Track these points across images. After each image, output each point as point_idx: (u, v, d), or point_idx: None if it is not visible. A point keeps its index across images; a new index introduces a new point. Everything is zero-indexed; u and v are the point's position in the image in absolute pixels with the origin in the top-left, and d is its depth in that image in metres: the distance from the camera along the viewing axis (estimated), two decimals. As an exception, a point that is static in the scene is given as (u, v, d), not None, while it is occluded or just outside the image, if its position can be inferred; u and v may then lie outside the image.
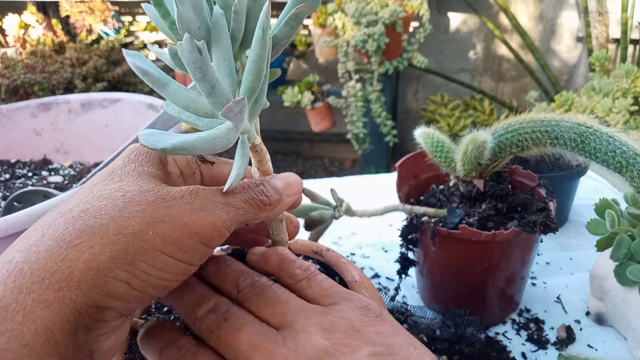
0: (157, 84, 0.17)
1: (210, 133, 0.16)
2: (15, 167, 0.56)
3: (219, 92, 0.16)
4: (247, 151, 0.18)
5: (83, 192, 0.17)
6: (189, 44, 0.14)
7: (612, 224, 0.33)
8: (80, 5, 1.39)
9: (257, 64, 0.16)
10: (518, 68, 1.58)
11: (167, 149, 0.15)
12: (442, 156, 0.38)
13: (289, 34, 0.18)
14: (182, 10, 0.15)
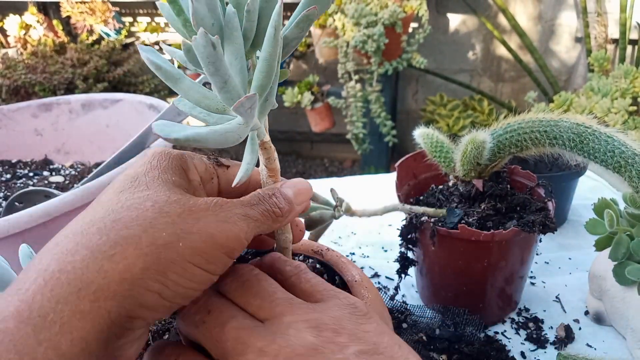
0: (171, 79, 0.17)
1: (222, 127, 0.16)
2: (16, 167, 0.56)
3: (231, 87, 0.16)
4: (256, 147, 0.19)
5: (110, 200, 0.17)
6: (204, 39, 0.15)
7: (611, 223, 0.33)
8: (81, 5, 1.39)
9: (268, 62, 0.16)
10: (517, 68, 1.58)
11: (180, 139, 0.15)
12: (442, 156, 0.38)
13: (300, 35, 0.19)
14: (197, 7, 0.16)
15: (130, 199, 0.17)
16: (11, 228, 0.29)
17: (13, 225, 0.30)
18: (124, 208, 0.16)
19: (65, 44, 1.38)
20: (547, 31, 1.54)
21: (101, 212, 0.16)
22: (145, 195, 0.17)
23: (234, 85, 0.16)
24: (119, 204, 0.17)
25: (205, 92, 0.17)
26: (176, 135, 0.15)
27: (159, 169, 0.18)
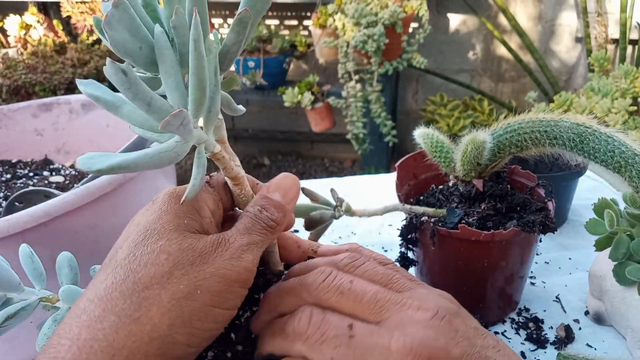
0: (111, 108, 0.17)
1: (155, 148, 0.16)
2: (16, 167, 0.56)
3: (157, 107, 0.16)
4: (203, 161, 0.18)
5: (128, 256, 0.18)
6: (112, 67, 0.15)
7: (611, 223, 0.33)
8: (81, 5, 1.39)
9: (196, 75, 0.16)
10: (517, 68, 1.58)
11: (103, 170, 0.15)
12: (442, 156, 0.38)
13: (238, 39, 0.18)
14: (114, 35, 0.15)
15: (145, 253, 0.18)
16: (11, 228, 0.29)
17: (13, 225, 0.30)
18: (141, 266, 0.17)
19: (66, 44, 1.38)
20: (547, 31, 1.54)
21: (122, 273, 0.17)
22: (159, 247, 0.18)
23: (160, 105, 0.16)
24: (135, 261, 0.18)
25: (146, 115, 0.17)
26: (99, 167, 0.15)
27: (172, 214, 0.19)
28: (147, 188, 0.40)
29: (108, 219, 0.36)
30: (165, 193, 0.20)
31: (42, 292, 0.22)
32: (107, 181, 0.34)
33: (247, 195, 0.22)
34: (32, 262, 0.23)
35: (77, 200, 0.32)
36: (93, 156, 0.16)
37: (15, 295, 0.22)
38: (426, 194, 0.42)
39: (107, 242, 0.36)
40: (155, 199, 0.20)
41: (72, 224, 0.33)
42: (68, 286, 0.22)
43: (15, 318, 0.21)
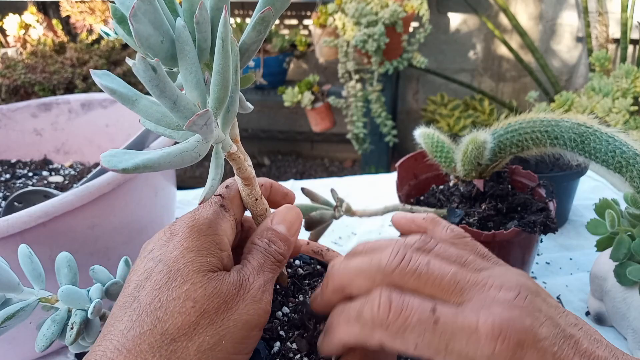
0: (127, 101, 0.17)
1: (176, 148, 0.16)
2: (15, 167, 0.56)
3: (182, 106, 0.16)
4: (221, 161, 0.18)
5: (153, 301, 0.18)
6: (142, 63, 0.14)
7: (612, 224, 0.33)
8: (80, 5, 1.39)
9: (220, 74, 0.16)
10: (518, 68, 1.58)
11: (129, 169, 0.15)
12: (442, 156, 0.38)
13: (258, 38, 0.18)
14: (139, 28, 0.15)
15: (171, 299, 0.17)
16: (10, 228, 0.29)
17: (12, 225, 0.29)
18: (167, 315, 0.17)
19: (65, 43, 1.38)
20: (548, 31, 1.54)
21: (148, 322, 0.17)
22: (184, 292, 0.18)
23: (184, 104, 0.16)
24: (161, 308, 0.17)
25: (164, 111, 0.17)
26: (124, 165, 0.15)
27: (194, 252, 0.19)
28: (146, 188, 0.40)
29: (107, 219, 0.36)
30: (186, 226, 0.20)
31: (41, 293, 0.22)
32: (106, 181, 0.34)
33: (257, 196, 0.22)
34: (31, 262, 0.23)
35: (76, 200, 0.32)
36: (116, 154, 0.16)
37: (14, 296, 0.22)
38: (427, 194, 0.41)
39: (106, 242, 0.36)
40: (173, 229, 0.20)
41: (71, 224, 0.33)
42: (67, 286, 0.22)
43: (14, 318, 0.21)
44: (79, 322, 0.21)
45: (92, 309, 0.22)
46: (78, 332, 0.21)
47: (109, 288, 0.23)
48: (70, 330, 0.21)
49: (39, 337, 0.21)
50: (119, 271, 0.25)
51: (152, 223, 0.42)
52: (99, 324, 0.23)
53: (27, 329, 0.24)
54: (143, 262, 0.19)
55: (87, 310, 0.22)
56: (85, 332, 0.22)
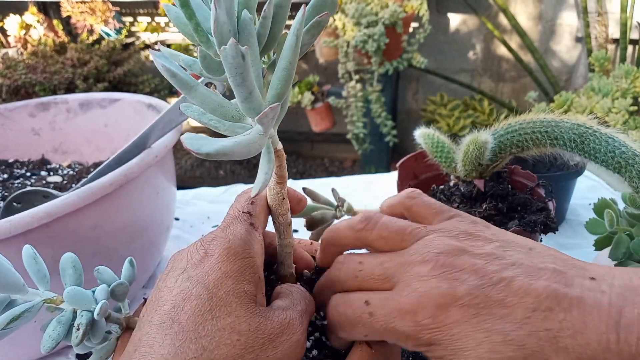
0: (185, 87, 0.17)
1: (245, 139, 0.17)
2: (13, 167, 0.55)
3: (255, 98, 0.16)
4: (272, 156, 0.19)
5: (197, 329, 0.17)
6: (234, 49, 0.14)
7: (611, 223, 0.33)
8: (81, 5, 1.39)
9: (287, 71, 0.16)
10: (517, 68, 1.58)
11: (211, 153, 0.15)
12: (443, 156, 0.38)
13: (310, 41, 0.19)
14: (219, 14, 0.15)
15: (216, 330, 0.17)
16: (13, 229, 0.30)
17: (15, 226, 0.30)
18: (213, 345, 0.17)
19: (66, 43, 1.38)
20: (547, 31, 1.54)
21: (193, 349, 0.17)
22: (229, 324, 0.17)
23: (257, 96, 0.16)
24: (207, 337, 0.17)
25: (221, 101, 0.17)
26: (207, 150, 0.15)
27: (232, 278, 0.19)
28: (148, 188, 0.40)
29: (110, 220, 0.36)
30: (222, 247, 0.19)
31: (46, 294, 0.22)
32: (109, 182, 0.34)
33: (284, 195, 0.22)
34: (36, 263, 0.23)
35: (79, 201, 0.32)
36: (196, 138, 0.16)
37: (19, 297, 0.22)
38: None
39: (108, 242, 0.36)
40: (208, 248, 0.19)
41: (74, 224, 0.33)
42: (73, 287, 0.22)
43: (19, 320, 0.21)
44: (85, 323, 0.22)
45: (98, 309, 0.22)
46: (84, 333, 0.21)
47: (114, 289, 0.24)
48: (77, 332, 0.21)
49: (44, 338, 0.22)
50: (124, 272, 0.25)
51: (153, 223, 0.43)
52: (104, 325, 0.23)
53: (28, 330, 0.24)
54: (177, 280, 0.19)
55: (93, 311, 0.22)
56: (91, 333, 0.22)
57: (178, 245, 0.53)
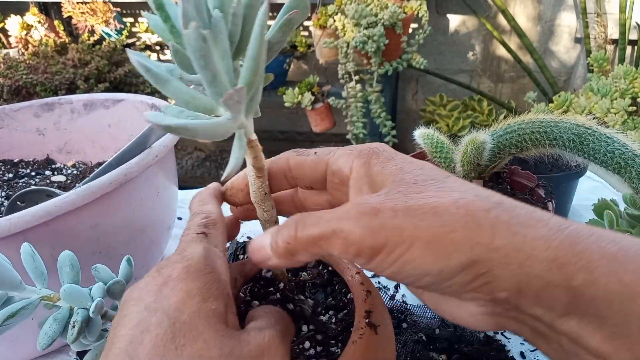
0: (159, 81, 0.17)
1: (210, 121, 0.17)
2: (18, 166, 0.56)
3: (219, 81, 0.16)
4: (243, 143, 0.19)
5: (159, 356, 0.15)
6: (195, 32, 0.15)
7: (611, 224, 0.33)
8: (82, 6, 1.39)
9: (255, 60, 0.17)
10: (516, 69, 1.58)
11: (172, 126, 0.16)
12: (442, 157, 0.38)
13: (282, 38, 0.19)
14: (186, 7, 0.16)
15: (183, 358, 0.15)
16: (13, 227, 0.30)
17: (15, 225, 0.30)
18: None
19: (67, 44, 1.38)
20: (546, 32, 1.54)
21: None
22: (197, 351, 0.15)
23: (222, 80, 0.17)
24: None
25: (194, 93, 0.17)
26: (168, 122, 0.16)
27: (196, 297, 0.16)
28: (148, 187, 0.40)
29: (109, 219, 0.36)
30: (182, 267, 0.17)
31: (44, 291, 0.22)
32: (108, 181, 0.34)
33: (266, 190, 0.22)
34: (34, 260, 0.23)
35: (79, 199, 0.32)
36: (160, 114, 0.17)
37: (16, 294, 0.22)
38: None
39: (107, 241, 0.36)
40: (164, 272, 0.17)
41: (74, 223, 0.33)
42: (69, 285, 0.22)
43: (16, 317, 0.21)
44: (80, 320, 0.22)
45: (93, 307, 0.22)
46: (80, 330, 0.22)
47: (111, 287, 0.24)
48: (72, 329, 0.21)
49: (40, 335, 0.22)
50: (121, 270, 0.25)
51: (153, 222, 0.43)
52: (100, 323, 0.23)
53: (28, 328, 0.24)
54: (132, 310, 0.16)
55: (89, 308, 0.22)
56: (87, 331, 0.22)
57: (178, 245, 0.53)
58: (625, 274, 0.14)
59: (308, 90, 1.37)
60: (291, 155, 0.22)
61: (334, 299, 0.24)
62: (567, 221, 0.16)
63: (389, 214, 0.16)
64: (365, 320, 0.21)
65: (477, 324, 0.17)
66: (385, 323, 0.22)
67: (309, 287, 0.25)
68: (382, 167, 0.19)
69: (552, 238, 0.15)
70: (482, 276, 0.15)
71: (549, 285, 0.15)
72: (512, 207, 0.16)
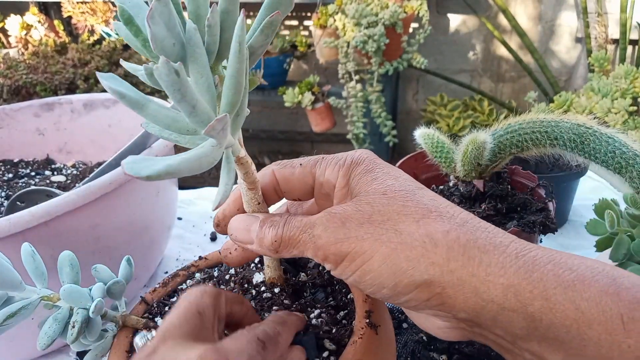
0: (136, 106, 0.16)
1: (195, 153, 0.16)
2: (18, 166, 0.56)
3: (200, 111, 0.16)
4: (232, 166, 0.18)
5: None
6: (166, 67, 0.14)
7: (612, 224, 0.33)
8: (82, 6, 1.39)
9: (235, 78, 0.16)
10: (517, 69, 1.58)
11: (152, 176, 0.15)
12: (442, 157, 0.38)
13: (265, 42, 0.18)
14: (155, 30, 0.15)
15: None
16: (13, 227, 0.30)
17: (15, 225, 0.30)
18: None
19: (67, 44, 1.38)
20: (547, 31, 1.54)
21: None
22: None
23: (202, 109, 0.16)
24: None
25: (174, 116, 0.17)
26: (147, 172, 0.15)
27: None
28: (148, 188, 0.40)
29: (109, 219, 0.36)
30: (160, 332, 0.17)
31: (44, 291, 0.22)
32: (108, 181, 0.34)
33: (259, 200, 0.21)
34: (34, 260, 0.23)
35: (78, 199, 0.32)
36: (137, 160, 0.15)
37: (16, 294, 0.22)
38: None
39: (107, 241, 0.36)
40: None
41: (73, 223, 0.33)
42: (69, 285, 0.22)
43: (16, 317, 0.21)
44: (80, 320, 0.22)
45: (93, 307, 0.22)
46: (79, 330, 0.21)
47: (110, 287, 0.24)
48: (72, 329, 0.21)
49: (40, 335, 0.22)
50: (121, 270, 0.25)
51: (153, 223, 0.43)
52: (100, 323, 0.23)
53: (29, 327, 0.24)
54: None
55: (89, 309, 0.22)
56: (86, 331, 0.22)
57: (180, 244, 0.53)
58: (581, 302, 0.14)
59: (308, 90, 1.37)
60: (275, 168, 0.22)
61: (334, 299, 0.24)
62: (527, 247, 0.16)
63: (354, 225, 0.17)
64: (366, 320, 0.21)
65: (445, 336, 0.18)
66: (385, 323, 0.22)
67: (309, 287, 0.25)
68: (360, 177, 0.19)
69: (508, 265, 0.15)
70: (438, 296, 0.16)
71: (505, 310, 0.15)
72: (473, 230, 0.17)
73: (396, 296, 0.17)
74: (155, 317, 0.25)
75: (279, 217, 0.19)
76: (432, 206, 0.17)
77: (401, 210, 0.17)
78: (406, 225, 0.16)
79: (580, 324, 0.14)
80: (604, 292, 0.14)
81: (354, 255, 0.17)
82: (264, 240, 0.19)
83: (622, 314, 0.14)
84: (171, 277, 0.28)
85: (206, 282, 0.27)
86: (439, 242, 0.16)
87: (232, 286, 0.26)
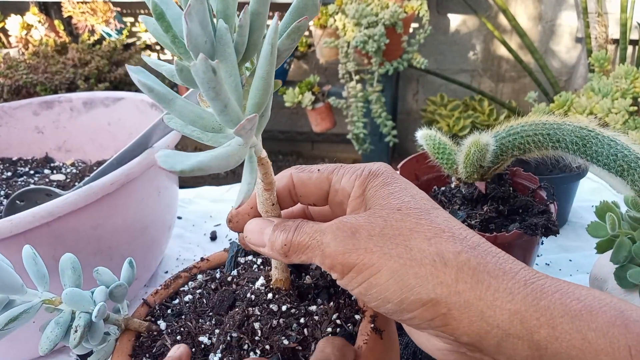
0: (163, 101, 0.16)
1: (224, 150, 0.16)
2: (17, 165, 0.56)
3: (231, 110, 0.16)
4: (255, 166, 0.18)
5: None
6: (204, 64, 0.14)
7: (613, 226, 0.33)
8: (82, 6, 1.39)
9: (265, 79, 0.16)
10: (517, 69, 1.58)
11: (186, 170, 0.15)
12: (444, 158, 0.38)
13: (291, 46, 0.18)
14: (192, 27, 0.15)
15: None
16: (14, 228, 0.29)
17: (16, 225, 0.29)
18: None
19: (67, 44, 1.38)
20: (547, 31, 1.54)
21: None
22: None
23: (233, 108, 0.16)
24: None
25: (200, 112, 0.17)
26: (181, 167, 0.15)
27: None
28: (149, 187, 0.40)
29: (110, 219, 0.36)
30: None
31: (45, 294, 0.22)
32: (110, 181, 0.34)
33: (274, 201, 0.22)
34: (35, 263, 0.23)
35: (80, 200, 0.32)
36: (171, 155, 0.16)
37: (17, 297, 0.22)
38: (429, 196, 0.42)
39: (109, 241, 0.36)
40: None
41: (75, 224, 0.33)
42: (71, 289, 0.22)
43: (17, 320, 0.21)
44: (82, 325, 0.21)
45: (96, 312, 0.22)
46: (82, 335, 0.21)
47: (113, 290, 0.23)
48: (74, 333, 0.21)
49: (42, 339, 0.21)
50: (123, 273, 0.25)
51: (154, 222, 0.43)
52: (102, 327, 0.23)
53: (29, 328, 0.24)
54: None
55: (91, 313, 0.22)
56: (89, 335, 0.22)
57: (180, 244, 0.53)
58: (588, 332, 0.14)
59: (308, 90, 1.37)
60: (294, 172, 0.22)
61: (337, 301, 0.24)
62: (536, 275, 0.16)
63: (364, 236, 0.17)
64: (371, 325, 0.21)
65: (444, 358, 0.18)
66: (389, 327, 0.22)
67: (313, 289, 0.25)
68: (376, 190, 0.19)
69: (516, 292, 0.15)
70: (443, 317, 0.16)
71: (510, 337, 0.15)
72: (484, 254, 0.17)
73: (400, 312, 0.16)
74: (158, 320, 0.25)
75: (291, 222, 0.20)
76: (446, 226, 0.17)
77: (414, 227, 0.17)
78: (417, 242, 0.16)
79: (587, 354, 0.14)
80: (612, 323, 0.14)
81: (361, 267, 0.17)
82: (275, 244, 0.19)
83: (630, 346, 0.14)
84: (173, 278, 0.28)
85: (208, 283, 0.27)
86: (449, 262, 0.16)
87: (234, 288, 0.26)
